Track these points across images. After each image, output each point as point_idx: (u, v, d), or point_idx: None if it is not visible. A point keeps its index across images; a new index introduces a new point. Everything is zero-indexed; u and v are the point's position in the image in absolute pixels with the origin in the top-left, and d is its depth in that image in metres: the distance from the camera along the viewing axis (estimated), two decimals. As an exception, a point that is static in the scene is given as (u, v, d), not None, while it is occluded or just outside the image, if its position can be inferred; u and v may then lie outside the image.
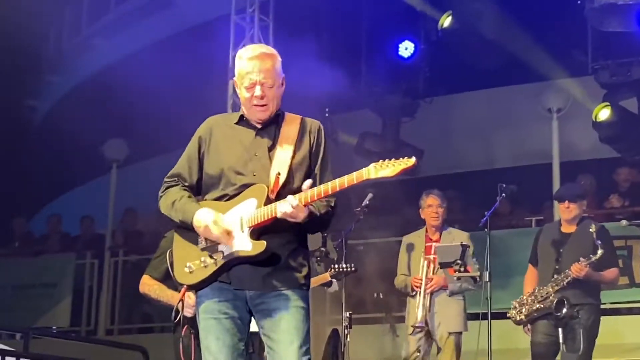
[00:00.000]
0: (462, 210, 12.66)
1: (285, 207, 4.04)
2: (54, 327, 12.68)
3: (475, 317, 8.19)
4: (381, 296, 10.64)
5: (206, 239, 4.20)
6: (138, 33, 14.15)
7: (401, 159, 3.97)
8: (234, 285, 4.18)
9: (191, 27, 13.82)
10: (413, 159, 3.97)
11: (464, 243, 7.79)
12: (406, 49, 13.28)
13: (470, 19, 12.47)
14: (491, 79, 13.52)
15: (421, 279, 8.02)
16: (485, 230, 7.84)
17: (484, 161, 14.23)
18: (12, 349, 8.49)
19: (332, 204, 4.28)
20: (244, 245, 4.11)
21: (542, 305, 7.62)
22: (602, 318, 9.84)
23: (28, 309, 13.01)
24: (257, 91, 4.23)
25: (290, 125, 4.33)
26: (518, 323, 7.84)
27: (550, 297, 7.57)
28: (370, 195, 7.97)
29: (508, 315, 7.82)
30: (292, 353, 4.12)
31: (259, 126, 4.33)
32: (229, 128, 4.37)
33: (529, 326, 7.84)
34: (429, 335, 8.02)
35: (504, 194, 7.91)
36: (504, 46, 12.39)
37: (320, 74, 12.94)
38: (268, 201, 4.13)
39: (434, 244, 8.17)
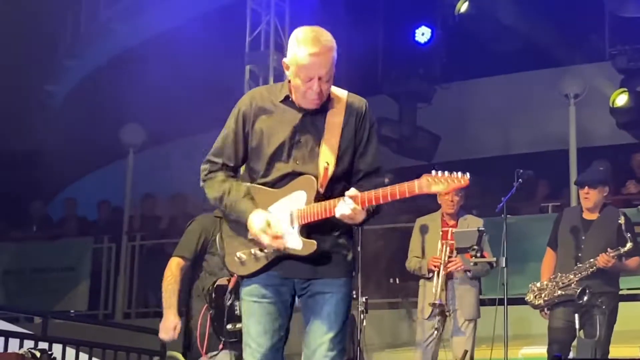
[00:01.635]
0: (479, 196, 12.64)
1: (344, 209, 3.97)
2: (72, 311, 12.75)
3: (491, 302, 8.20)
4: (397, 281, 10.66)
5: None
6: (155, 17, 14.16)
7: (455, 174, 3.90)
8: (283, 274, 4.15)
9: (207, 12, 13.83)
10: (467, 178, 3.92)
11: (480, 228, 7.78)
12: (423, 34, 13.27)
13: (487, 4, 12.45)
14: (508, 64, 13.49)
15: (440, 259, 8.00)
16: (502, 216, 7.83)
17: (500, 147, 14.21)
18: (30, 332, 8.57)
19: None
20: (295, 242, 4.07)
21: (563, 292, 7.57)
22: (622, 304, 9.85)
23: (46, 292, 13.09)
24: (316, 87, 4.08)
25: (337, 108, 4.18)
26: (536, 307, 7.79)
27: (573, 285, 7.52)
28: (386, 181, 7.95)
29: (526, 298, 7.79)
30: (326, 340, 4.10)
31: (306, 108, 4.18)
32: (274, 106, 4.20)
33: (546, 310, 7.81)
34: (444, 320, 8.02)
35: (520, 180, 7.87)
36: (520, 32, 12.37)
37: (337, 59, 12.96)
38: (318, 195, 4.06)
39: (450, 228, 8.14)
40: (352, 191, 3.99)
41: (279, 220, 4.09)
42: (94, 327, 10.70)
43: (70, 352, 8.40)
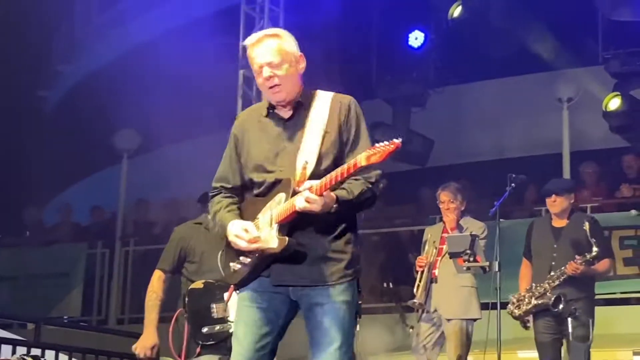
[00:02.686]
0: (473, 199, 12.64)
1: (299, 202, 3.98)
2: (65, 317, 12.73)
3: (484, 306, 8.21)
4: (391, 285, 10.67)
5: None
6: (148, 23, 14.17)
7: (387, 142, 3.87)
8: (273, 280, 4.14)
9: (201, 17, 13.83)
10: (397, 140, 3.87)
11: (473, 233, 7.81)
12: (416, 38, 13.28)
13: (480, 9, 12.46)
14: (501, 68, 13.50)
15: (424, 260, 8.06)
16: (495, 220, 7.85)
17: (494, 151, 14.21)
18: (23, 339, 8.54)
19: (372, 180, 4.15)
20: (271, 242, 4.08)
21: (539, 302, 7.67)
22: (613, 308, 9.87)
23: (39, 298, 13.06)
24: (265, 72, 4.17)
25: (320, 108, 4.22)
26: (516, 318, 7.88)
27: (548, 294, 7.62)
28: (380, 185, 7.95)
29: (507, 310, 7.84)
30: (332, 354, 4.07)
31: (286, 116, 4.25)
32: (258, 122, 4.30)
33: (527, 323, 7.88)
34: (438, 322, 8.06)
35: (513, 184, 7.91)
36: (514, 36, 12.38)
37: (330, 64, 12.95)
38: (294, 194, 4.05)
39: (448, 235, 8.19)
40: (307, 183, 3.99)
41: (260, 223, 4.13)
42: (87, 333, 10.68)
43: (63, 358, 8.39)
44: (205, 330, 5.85)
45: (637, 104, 11.97)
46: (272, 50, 4.18)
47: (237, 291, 4.27)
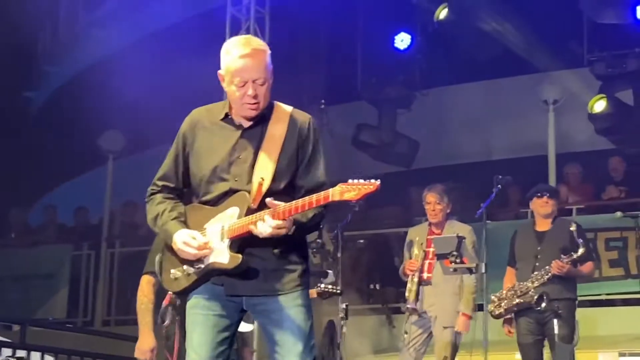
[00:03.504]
0: (459, 201, 12.66)
1: (264, 228, 3.92)
2: (50, 319, 12.69)
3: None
4: (377, 287, 10.69)
5: None
6: (135, 24, 14.13)
7: (365, 181, 3.83)
8: (227, 290, 4.09)
9: (187, 18, 13.82)
10: (377, 182, 3.84)
11: (459, 234, 7.83)
12: (402, 40, 13.32)
13: (466, 11, 12.49)
14: (487, 70, 13.54)
15: (416, 264, 8.06)
16: (482, 221, 7.88)
17: (480, 153, 14.24)
18: (8, 340, 8.51)
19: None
20: (222, 257, 4.03)
21: (521, 300, 7.71)
22: (598, 310, 9.90)
23: (25, 300, 13.02)
24: (251, 90, 4.05)
25: (278, 123, 4.13)
26: (497, 317, 7.91)
27: (530, 292, 7.67)
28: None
29: (487, 309, 7.87)
30: (296, 356, 4.06)
31: (245, 125, 4.16)
32: (213, 125, 4.19)
33: (510, 327, 7.91)
34: (428, 324, 8.08)
35: (499, 186, 7.95)
36: (499, 38, 12.43)
37: (316, 66, 12.95)
38: (249, 211, 4.00)
39: (435, 236, 8.21)
40: (272, 201, 3.93)
41: (208, 234, 4.07)
42: (73, 334, 10.66)
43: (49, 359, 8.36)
44: None
45: (622, 106, 12.02)
46: (261, 67, 4.08)
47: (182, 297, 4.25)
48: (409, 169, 13.99)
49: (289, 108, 4.22)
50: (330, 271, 7.98)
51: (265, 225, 3.91)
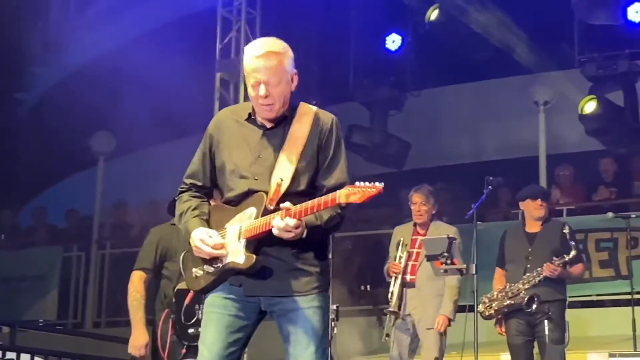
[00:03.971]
0: (450, 202, 12.68)
1: (278, 223, 3.95)
2: (40, 320, 12.64)
3: (462, 309, 8.23)
4: (368, 289, 10.68)
5: None
6: (125, 25, 14.11)
7: (369, 184, 3.87)
8: (246, 291, 4.12)
9: (178, 20, 13.80)
10: (380, 185, 3.87)
11: (450, 235, 7.83)
12: (393, 41, 13.32)
13: (457, 12, 12.49)
14: (478, 71, 13.55)
15: (399, 266, 8.07)
16: (472, 222, 7.88)
17: (471, 154, 14.25)
18: (-2, 342, 8.49)
19: (339, 209, 4.11)
20: (238, 257, 4.06)
21: (512, 302, 7.73)
22: (589, 310, 9.90)
23: (15, 302, 12.99)
24: (261, 90, 4.10)
25: (301, 123, 4.18)
26: (487, 318, 7.92)
27: (521, 294, 7.68)
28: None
29: (478, 310, 7.87)
30: (309, 356, 4.07)
31: (268, 125, 4.21)
32: (238, 125, 4.25)
33: (500, 327, 7.92)
34: (413, 328, 8.09)
35: (490, 187, 7.95)
36: (490, 39, 12.43)
37: (308, 67, 12.93)
38: (266, 211, 4.03)
39: (419, 237, 8.22)
40: (287, 204, 3.95)
41: (227, 234, 4.11)
42: (63, 336, 10.65)
43: (39, 361, 8.34)
44: (191, 331, 5.84)
45: (612, 107, 12.04)
46: (273, 70, 4.12)
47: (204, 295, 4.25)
48: (400, 170, 13.99)
49: (313, 108, 4.28)
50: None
51: (278, 220, 3.94)
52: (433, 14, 12.74)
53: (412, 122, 14.01)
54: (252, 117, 4.25)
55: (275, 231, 3.95)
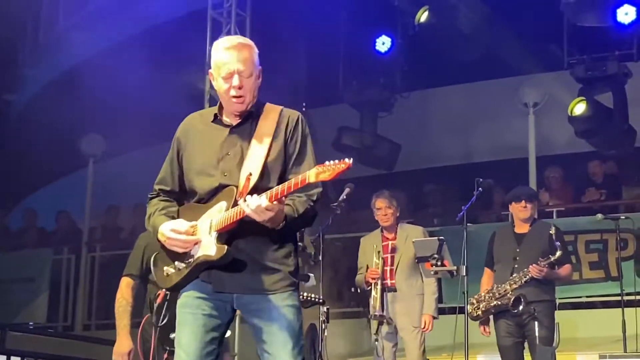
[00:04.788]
0: (440, 204, 12.70)
1: (252, 201, 3.93)
2: (30, 323, 12.62)
3: (452, 311, 8.25)
4: (358, 291, 10.67)
5: None
6: (116, 26, 14.09)
7: (338, 161, 3.85)
8: (214, 287, 4.13)
9: (168, 21, 13.78)
10: (348, 161, 3.84)
11: (440, 238, 7.87)
12: (383, 43, 13.32)
13: (447, 14, 12.50)
14: (468, 73, 13.55)
15: (377, 272, 8.15)
16: (463, 224, 7.90)
17: (461, 155, 14.27)
18: (-12, 345, 8.47)
19: (314, 199, 4.15)
20: (209, 249, 4.06)
21: (499, 302, 7.75)
22: (579, 312, 9.92)
23: (4, 304, 12.95)
24: (235, 80, 4.14)
25: (268, 120, 4.22)
26: (475, 319, 7.95)
27: (508, 295, 7.70)
28: (347, 190, 8.00)
29: (466, 311, 7.89)
30: (286, 355, 4.08)
31: (234, 123, 4.25)
32: (204, 127, 4.30)
33: (486, 328, 7.94)
34: (395, 331, 8.15)
35: (480, 188, 7.98)
36: (480, 41, 12.44)
37: (298, 69, 12.93)
38: (236, 205, 4.04)
39: (390, 242, 8.36)
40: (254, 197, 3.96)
41: (198, 230, 4.12)
42: (54, 339, 10.61)
43: (29, 364, 8.33)
44: (172, 336, 5.83)
45: (602, 109, 12.06)
46: (246, 60, 4.18)
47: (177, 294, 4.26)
48: (390, 171, 14.00)
49: (278, 107, 4.31)
50: (311, 275, 8.00)
51: (254, 199, 3.92)
52: (423, 16, 12.74)
53: (402, 124, 14.01)
54: (218, 118, 4.29)
55: (247, 210, 3.93)
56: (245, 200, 3.95)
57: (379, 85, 13.65)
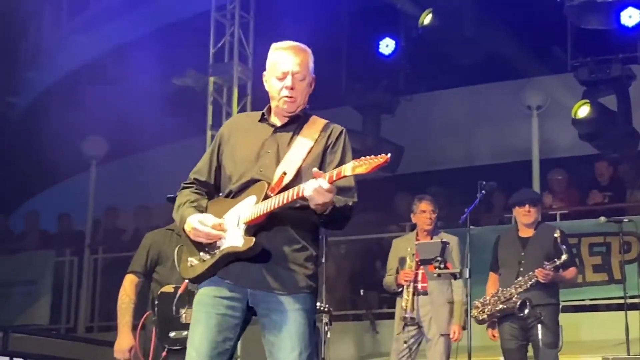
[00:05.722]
0: (443, 207, 12.64)
1: (313, 184, 3.91)
2: (33, 325, 12.63)
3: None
4: (361, 293, 10.67)
5: None
6: (118, 30, 14.10)
7: (375, 156, 3.88)
8: (233, 281, 4.12)
9: (171, 24, 13.79)
10: (387, 155, 3.87)
11: (444, 240, 7.84)
12: (387, 46, 13.31)
13: (450, 17, 12.49)
14: (471, 76, 13.54)
15: (411, 274, 8.07)
16: (466, 227, 7.88)
17: (464, 158, 14.25)
18: (-9, 347, 8.47)
19: (350, 203, 4.16)
20: (236, 241, 4.07)
21: (505, 306, 7.74)
22: (582, 315, 9.89)
23: (7, 306, 12.96)
24: (288, 81, 4.21)
25: (312, 128, 4.27)
26: (480, 322, 7.95)
27: (514, 299, 7.68)
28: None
29: (471, 314, 7.87)
30: None
31: (279, 124, 4.29)
32: (250, 125, 4.35)
33: (493, 331, 7.92)
34: (419, 334, 8.09)
35: (483, 191, 7.96)
36: (484, 43, 12.43)
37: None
38: (266, 198, 4.06)
39: (418, 242, 8.23)
40: (314, 169, 3.97)
41: (226, 223, 4.13)
42: (56, 341, 10.62)
43: (32, 366, 8.32)
44: (172, 334, 5.84)
45: (605, 112, 12.04)
46: (301, 63, 4.26)
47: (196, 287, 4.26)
48: (393, 174, 13.97)
49: (323, 120, 4.37)
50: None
51: (312, 181, 3.91)
52: (426, 19, 12.73)
53: (405, 127, 13.99)
54: (265, 118, 4.34)
55: (308, 191, 3.91)
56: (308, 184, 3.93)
57: (382, 88, 13.64)
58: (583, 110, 11.92)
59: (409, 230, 10.79)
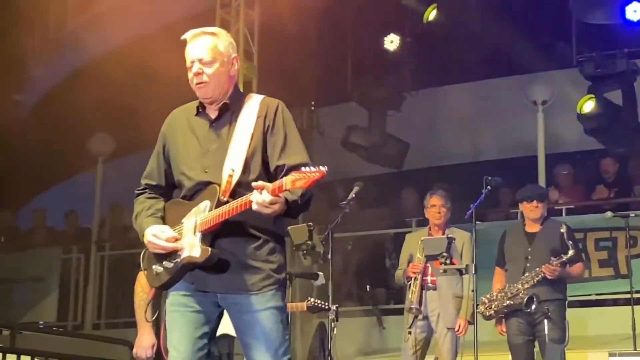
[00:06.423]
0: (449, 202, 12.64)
1: (261, 197, 3.88)
2: (40, 322, 12.66)
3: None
4: (368, 289, 10.70)
5: None
6: (124, 27, 14.10)
7: (313, 169, 3.81)
8: (196, 286, 4.14)
9: (176, 21, 13.78)
10: (323, 169, 3.80)
11: (449, 236, 7.86)
12: (392, 42, 13.29)
13: (456, 12, 12.48)
14: (476, 71, 13.53)
15: (419, 266, 8.09)
16: (472, 222, 7.89)
17: (469, 154, 14.25)
18: (-2, 344, 8.49)
19: (299, 201, 4.08)
20: (194, 250, 4.07)
21: (512, 302, 7.75)
22: (588, 310, 9.91)
23: (14, 304, 12.98)
24: (194, 68, 4.21)
25: (247, 112, 4.21)
26: (487, 318, 7.97)
27: (521, 294, 7.69)
28: (356, 189, 7.98)
29: (478, 310, 7.89)
30: (271, 359, 4.09)
31: (213, 117, 4.26)
32: (187, 121, 4.32)
33: (501, 327, 7.93)
34: (428, 329, 8.11)
35: (489, 187, 7.96)
36: (489, 39, 12.42)
37: (306, 68, 12.93)
38: (219, 203, 4.04)
39: (424, 238, 8.24)
40: (259, 183, 3.92)
41: (184, 229, 4.12)
42: (63, 338, 10.64)
43: (39, 363, 8.35)
44: None
45: (611, 107, 12.03)
46: (205, 48, 4.23)
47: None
48: (399, 170, 13.98)
49: (259, 96, 4.31)
50: (320, 273, 7.99)
51: (257, 195, 3.88)
52: (431, 14, 12.72)
53: (410, 122, 13.99)
54: (200, 111, 4.30)
55: (254, 206, 3.90)
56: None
57: (387, 84, 13.63)
58: (588, 105, 11.91)
59: (415, 226, 10.83)
